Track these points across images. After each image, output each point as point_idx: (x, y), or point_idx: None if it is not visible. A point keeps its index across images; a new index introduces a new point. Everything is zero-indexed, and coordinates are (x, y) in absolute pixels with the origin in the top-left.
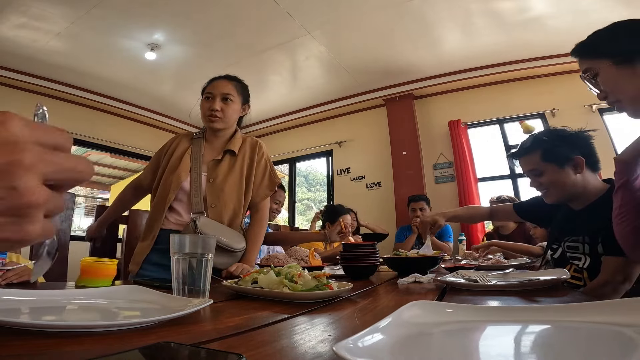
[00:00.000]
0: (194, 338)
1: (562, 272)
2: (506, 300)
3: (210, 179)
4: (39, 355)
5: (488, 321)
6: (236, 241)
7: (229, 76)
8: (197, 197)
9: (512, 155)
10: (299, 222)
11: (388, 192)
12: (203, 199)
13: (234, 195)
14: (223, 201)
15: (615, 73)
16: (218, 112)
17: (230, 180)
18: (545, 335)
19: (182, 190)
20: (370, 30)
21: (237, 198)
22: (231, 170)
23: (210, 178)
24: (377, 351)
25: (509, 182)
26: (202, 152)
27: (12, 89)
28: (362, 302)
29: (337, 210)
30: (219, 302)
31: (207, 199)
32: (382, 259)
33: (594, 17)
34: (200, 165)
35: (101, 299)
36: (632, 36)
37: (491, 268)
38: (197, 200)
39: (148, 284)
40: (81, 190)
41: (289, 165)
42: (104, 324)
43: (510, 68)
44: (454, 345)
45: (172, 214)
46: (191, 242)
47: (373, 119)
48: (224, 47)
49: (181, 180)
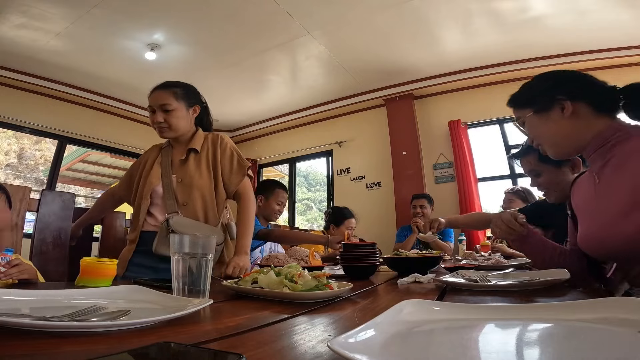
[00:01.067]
0: (194, 338)
1: (562, 273)
2: (506, 301)
3: (179, 180)
4: (39, 355)
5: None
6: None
7: (165, 84)
8: (170, 199)
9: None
10: (299, 222)
11: (388, 192)
12: (175, 200)
13: (204, 190)
14: (194, 198)
15: (536, 120)
16: (163, 124)
17: (198, 177)
18: (536, 332)
19: (157, 195)
20: (370, 30)
21: (208, 193)
22: (197, 168)
23: (179, 179)
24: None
25: (509, 182)
26: (171, 158)
27: (12, 89)
28: (362, 302)
29: (343, 213)
30: (219, 302)
31: (179, 198)
32: (382, 259)
33: (594, 17)
34: (170, 169)
35: (101, 299)
36: (545, 86)
37: (491, 268)
38: (170, 202)
39: (148, 284)
40: (81, 190)
41: (289, 165)
42: (104, 324)
43: (510, 68)
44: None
45: (151, 218)
46: (191, 242)
47: (373, 119)
48: (224, 47)
49: (153, 186)
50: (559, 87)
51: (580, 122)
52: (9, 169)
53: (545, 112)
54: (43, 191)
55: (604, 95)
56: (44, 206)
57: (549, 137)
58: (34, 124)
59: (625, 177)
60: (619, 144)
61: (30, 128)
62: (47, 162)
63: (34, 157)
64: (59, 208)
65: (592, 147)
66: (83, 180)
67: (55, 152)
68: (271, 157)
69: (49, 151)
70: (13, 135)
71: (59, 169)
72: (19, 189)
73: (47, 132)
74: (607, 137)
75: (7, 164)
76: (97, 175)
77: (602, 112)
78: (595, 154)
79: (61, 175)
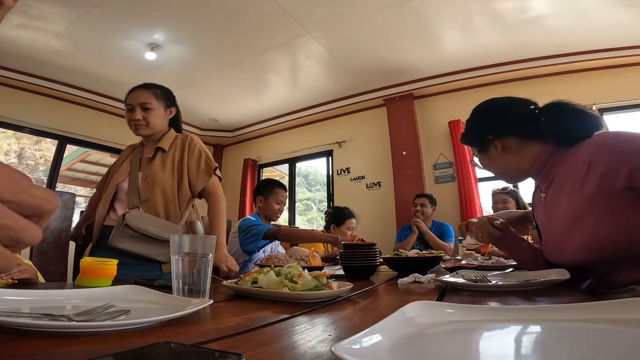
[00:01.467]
0: (194, 338)
1: (563, 273)
2: (506, 300)
3: (144, 177)
4: (39, 355)
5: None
6: (168, 231)
7: (146, 85)
8: (133, 195)
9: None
10: (299, 222)
11: (388, 192)
12: (138, 195)
13: (166, 187)
14: (155, 194)
15: (482, 157)
16: (141, 121)
17: (161, 175)
18: (544, 335)
19: (122, 191)
20: (370, 30)
21: (169, 190)
22: (162, 166)
23: (144, 176)
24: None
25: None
26: (141, 156)
27: (12, 89)
28: (362, 302)
29: (343, 213)
30: (219, 302)
31: (141, 194)
32: (382, 259)
33: (594, 17)
34: (138, 167)
35: (101, 299)
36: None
37: (491, 268)
38: (133, 197)
39: (148, 284)
40: (81, 191)
41: (289, 165)
42: (104, 324)
43: (510, 68)
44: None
45: (114, 213)
46: (191, 242)
47: (373, 119)
48: (224, 47)
49: (118, 181)
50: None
51: (515, 154)
52: None
53: (485, 151)
54: None
55: (525, 123)
56: None
57: (496, 171)
58: (34, 124)
59: (563, 198)
60: (555, 166)
61: (30, 128)
62: (47, 162)
63: (34, 157)
64: (59, 208)
65: (534, 170)
66: (83, 180)
67: (55, 152)
68: (271, 157)
69: (49, 151)
70: (13, 135)
71: (59, 169)
72: None
73: (47, 132)
74: (544, 162)
75: (7, 164)
76: (97, 175)
77: (530, 139)
78: (540, 175)
79: (61, 175)
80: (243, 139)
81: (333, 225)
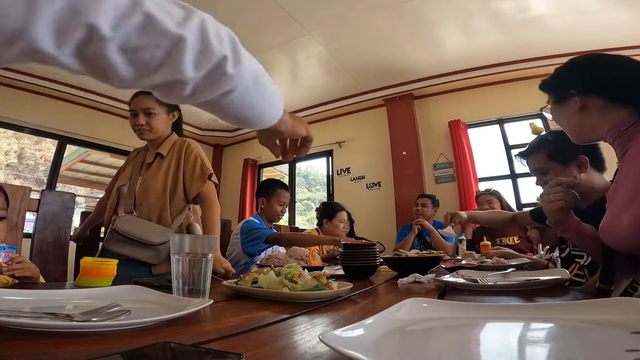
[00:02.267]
0: (194, 338)
1: (562, 273)
2: (506, 300)
3: (142, 181)
4: (39, 355)
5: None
6: (155, 235)
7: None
8: (130, 199)
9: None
10: (299, 222)
11: (388, 192)
12: (134, 199)
13: (159, 192)
14: (148, 199)
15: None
16: (144, 126)
17: (156, 179)
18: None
19: (123, 195)
20: (370, 30)
21: (162, 195)
22: (158, 171)
23: (142, 180)
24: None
25: (509, 182)
26: (143, 160)
27: (12, 89)
28: (362, 302)
29: (333, 207)
30: (219, 302)
31: (137, 198)
32: (382, 259)
33: (594, 17)
34: (138, 171)
35: (101, 299)
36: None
37: (491, 268)
38: (129, 201)
39: (148, 284)
40: (81, 191)
41: (289, 165)
42: (104, 324)
43: (510, 68)
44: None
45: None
46: (191, 242)
47: (373, 119)
48: None
49: (118, 184)
50: (571, 81)
51: (592, 115)
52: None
53: (561, 104)
54: (43, 191)
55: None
56: (44, 206)
57: (566, 127)
58: (34, 124)
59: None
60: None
61: (30, 128)
62: (47, 162)
63: (34, 157)
64: (59, 208)
65: (610, 137)
66: (83, 180)
67: (55, 152)
68: (271, 157)
69: (49, 151)
70: (13, 135)
71: (59, 169)
72: (19, 189)
73: (47, 132)
74: (624, 128)
75: (7, 164)
76: (97, 175)
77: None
78: (615, 142)
79: (61, 175)
80: (243, 139)
81: (325, 220)
